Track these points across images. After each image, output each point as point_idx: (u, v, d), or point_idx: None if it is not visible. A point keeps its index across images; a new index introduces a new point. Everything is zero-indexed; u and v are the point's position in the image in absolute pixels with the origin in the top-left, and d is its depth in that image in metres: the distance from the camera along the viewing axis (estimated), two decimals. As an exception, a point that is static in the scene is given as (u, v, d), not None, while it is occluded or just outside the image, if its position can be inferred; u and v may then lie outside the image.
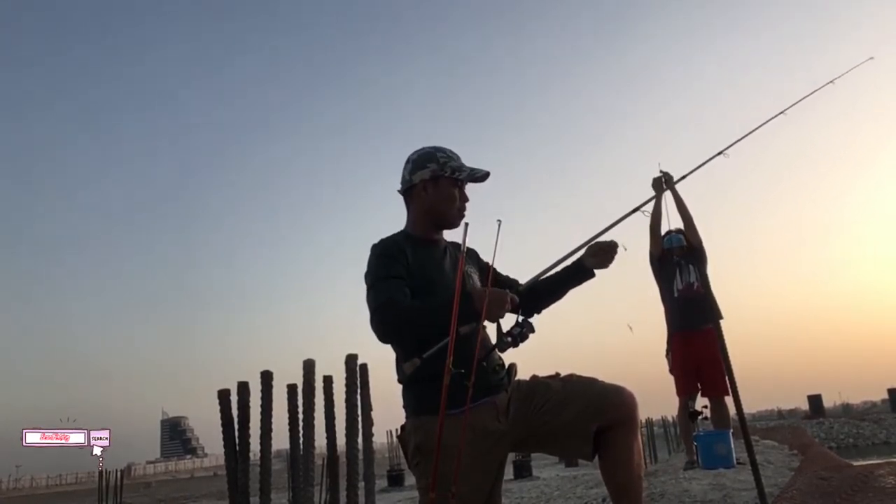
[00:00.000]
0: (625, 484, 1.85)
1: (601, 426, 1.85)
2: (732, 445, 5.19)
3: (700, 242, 5.62)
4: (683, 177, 3.12)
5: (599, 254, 2.12)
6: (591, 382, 1.93)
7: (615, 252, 2.12)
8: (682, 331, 5.55)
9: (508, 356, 2.09)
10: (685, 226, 5.66)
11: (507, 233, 2.07)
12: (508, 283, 2.14)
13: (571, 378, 1.97)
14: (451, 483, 1.69)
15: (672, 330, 5.65)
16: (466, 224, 1.89)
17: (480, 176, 2.07)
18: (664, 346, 5.78)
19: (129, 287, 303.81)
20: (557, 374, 2.00)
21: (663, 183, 5.79)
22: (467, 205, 2.11)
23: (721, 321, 5.35)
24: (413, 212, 2.10)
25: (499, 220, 1.98)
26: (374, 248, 2.01)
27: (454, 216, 2.07)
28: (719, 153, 2.98)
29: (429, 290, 1.94)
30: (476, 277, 2.11)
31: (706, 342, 5.31)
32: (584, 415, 1.86)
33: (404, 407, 2.00)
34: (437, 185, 2.04)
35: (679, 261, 5.65)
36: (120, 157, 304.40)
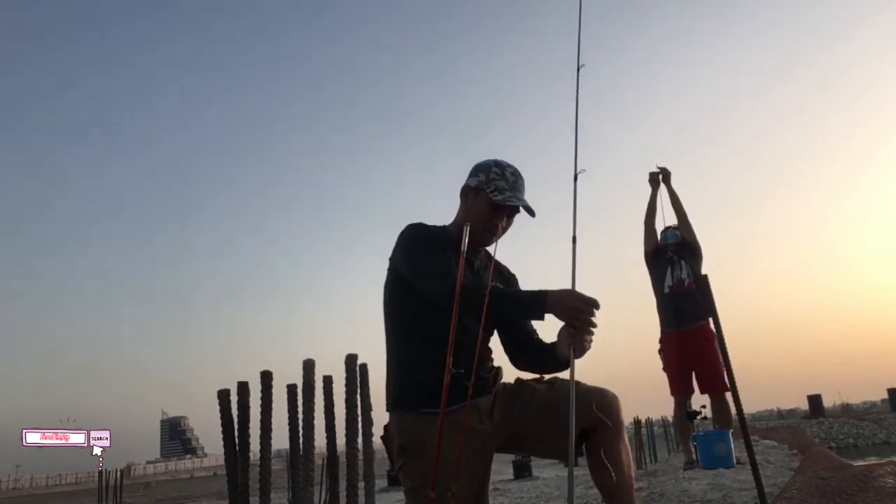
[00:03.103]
0: (614, 485, 1.85)
1: (585, 428, 1.85)
2: (732, 445, 5.19)
3: (694, 238, 5.58)
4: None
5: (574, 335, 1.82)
6: (575, 385, 1.90)
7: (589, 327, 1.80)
8: (674, 329, 5.50)
9: (499, 359, 2.09)
10: (679, 221, 5.64)
11: (512, 234, 2.05)
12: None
13: (555, 380, 1.97)
14: (446, 483, 1.68)
15: (664, 328, 5.61)
16: (468, 224, 1.85)
17: (513, 206, 1.98)
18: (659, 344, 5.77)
19: (129, 287, 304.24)
20: (541, 377, 2.00)
21: (659, 178, 5.81)
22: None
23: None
24: (458, 213, 2.09)
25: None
26: (416, 225, 1.99)
27: (480, 234, 2.01)
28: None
29: None
30: None
31: (700, 340, 5.27)
32: (567, 418, 1.84)
33: (387, 409, 1.99)
34: (477, 196, 2.01)
35: (672, 257, 5.60)
36: (119, 156, 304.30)
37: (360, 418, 3.63)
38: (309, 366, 3.47)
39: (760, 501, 2.49)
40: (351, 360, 3.62)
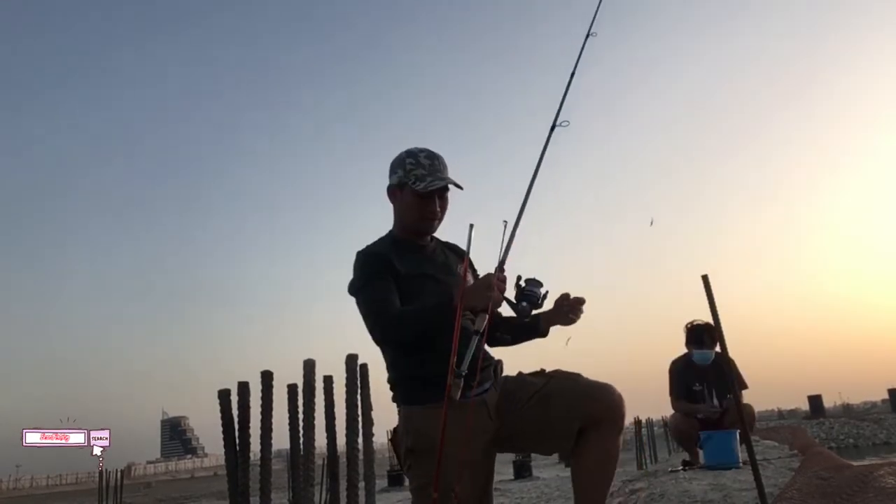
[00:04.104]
0: (593, 483, 1.84)
1: (585, 424, 1.84)
2: (737, 446, 5.21)
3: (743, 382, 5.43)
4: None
5: (568, 312, 2.01)
6: (576, 379, 1.91)
7: (581, 308, 2.01)
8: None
9: (498, 351, 2.11)
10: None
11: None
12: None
13: (556, 374, 1.96)
14: (450, 482, 1.69)
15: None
16: (472, 225, 1.84)
17: (437, 189, 1.99)
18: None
19: (130, 287, 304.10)
20: (542, 371, 2.00)
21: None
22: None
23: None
24: (394, 213, 2.11)
25: (505, 221, 1.95)
26: (359, 255, 2.01)
27: (419, 225, 2.06)
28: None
29: (416, 295, 1.94)
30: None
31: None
32: (569, 413, 1.84)
33: (393, 399, 2.01)
34: (402, 192, 2.03)
35: (701, 389, 5.54)
36: (119, 155, 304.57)
37: (360, 418, 3.64)
38: (309, 366, 3.47)
39: (761, 501, 2.50)
40: (351, 360, 3.63)
